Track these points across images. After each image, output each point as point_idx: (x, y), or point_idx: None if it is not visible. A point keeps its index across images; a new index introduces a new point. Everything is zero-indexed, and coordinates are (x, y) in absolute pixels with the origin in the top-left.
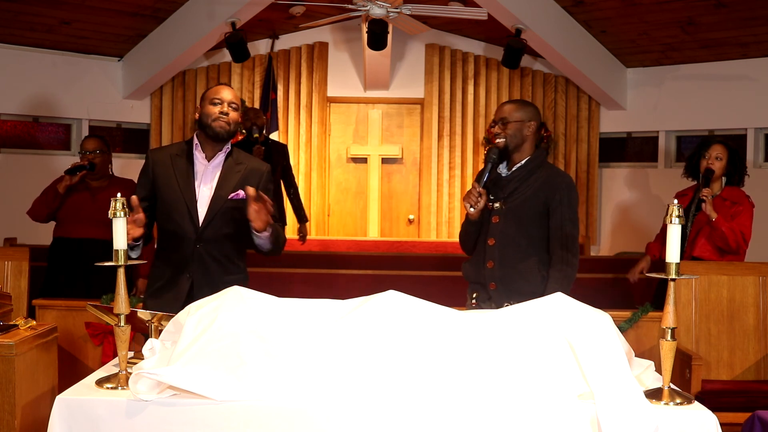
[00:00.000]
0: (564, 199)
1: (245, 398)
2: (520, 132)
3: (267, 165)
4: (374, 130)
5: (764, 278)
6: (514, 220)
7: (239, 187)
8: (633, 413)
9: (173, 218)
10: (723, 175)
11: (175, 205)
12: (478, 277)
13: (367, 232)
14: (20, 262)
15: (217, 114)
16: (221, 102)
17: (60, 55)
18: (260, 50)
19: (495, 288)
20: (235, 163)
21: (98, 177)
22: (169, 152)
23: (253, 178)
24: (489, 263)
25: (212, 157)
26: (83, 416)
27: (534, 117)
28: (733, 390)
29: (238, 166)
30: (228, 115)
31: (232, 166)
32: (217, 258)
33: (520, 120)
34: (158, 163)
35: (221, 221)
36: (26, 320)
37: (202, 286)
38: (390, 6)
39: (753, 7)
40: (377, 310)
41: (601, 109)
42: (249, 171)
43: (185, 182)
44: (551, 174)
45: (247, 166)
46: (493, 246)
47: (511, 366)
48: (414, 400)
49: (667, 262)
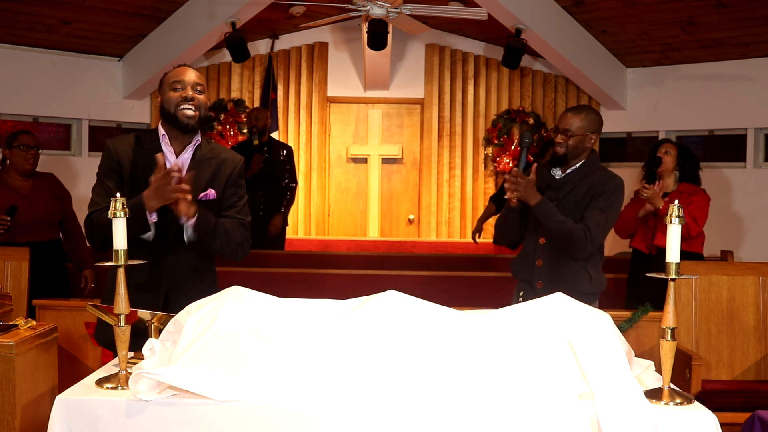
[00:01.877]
0: (606, 193)
1: (245, 398)
2: (581, 144)
3: (241, 157)
4: (374, 130)
5: (764, 278)
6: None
7: (209, 185)
8: (633, 413)
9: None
10: (675, 170)
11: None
12: (526, 275)
13: (367, 232)
14: (20, 262)
15: (180, 100)
16: (183, 86)
17: (60, 55)
18: (260, 50)
19: (542, 286)
20: (206, 157)
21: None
22: (130, 144)
23: (225, 170)
24: (538, 261)
25: (181, 151)
26: (83, 416)
27: (596, 129)
28: (733, 390)
29: (210, 159)
30: (194, 100)
31: (202, 160)
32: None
33: (583, 134)
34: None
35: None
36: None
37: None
38: (390, 6)
39: (753, 7)
40: (377, 310)
41: (601, 109)
42: (221, 163)
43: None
44: (604, 177)
45: (218, 158)
46: (544, 245)
47: (511, 366)
48: (414, 400)
49: (667, 262)
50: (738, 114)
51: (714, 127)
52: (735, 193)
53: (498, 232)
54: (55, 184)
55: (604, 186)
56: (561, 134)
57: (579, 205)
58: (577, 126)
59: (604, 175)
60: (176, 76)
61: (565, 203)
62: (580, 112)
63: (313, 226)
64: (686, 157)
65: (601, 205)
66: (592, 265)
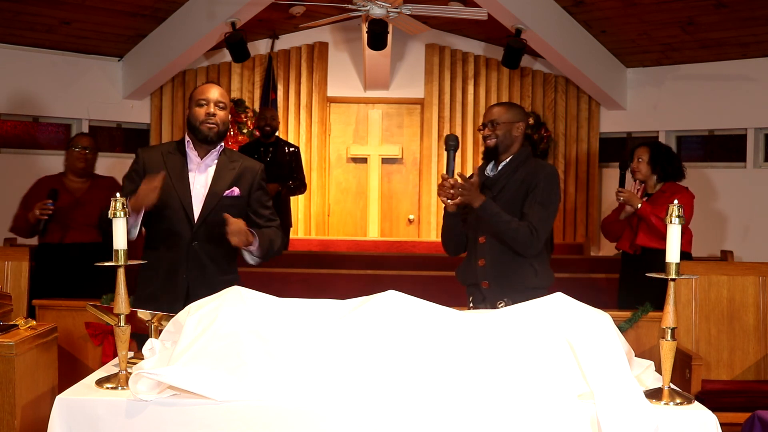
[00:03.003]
0: (540, 183)
1: (245, 398)
2: (509, 133)
3: (261, 164)
4: (374, 130)
5: (764, 278)
6: None
7: (234, 184)
8: (633, 413)
9: (166, 216)
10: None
11: (169, 203)
12: (470, 277)
13: (367, 232)
14: (20, 262)
15: (204, 116)
16: (207, 102)
17: (60, 55)
18: (260, 50)
19: (488, 286)
20: (229, 161)
21: (81, 176)
22: (160, 150)
23: (247, 176)
24: (480, 261)
25: (205, 155)
26: (83, 416)
27: (522, 118)
28: (733, 390)
29: (233, 163)
30: (215, 116)
31: (226, 163)
32: (213, 257)
33: (509, 121)
34: (150, 161)
35: (216, 219)
36: (26, 320)
37: (198, 286)
38: (390, 6)
39: (753, 7)
40: (377, 310)
41: (601, 109)
42: (243, 169)
43: (179, 179)
44: (536, 167)
45: (241, 164)
46: (484, 243)
47: (511, 366)
48: (414, 400)
49: (667, 262)
50: (738, 114)
51: (714, 127)
52: (735, 193)
53: (444, 241)
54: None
55: (537, 177)
56: (488, 127)
57: (514, 199)
58: (501, 116)
59: (536, 165)
60: (202, 93)
61: (500, 199)
62: (504, 104)
63: (313, 226)
64: (659, 157)
65: (540, 198)
66: (536, 260)
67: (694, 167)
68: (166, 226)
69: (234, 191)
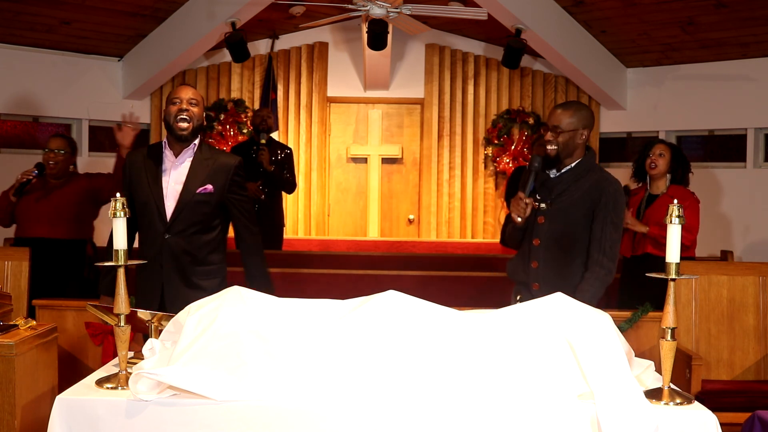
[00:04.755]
0: (610, 203)
1: (245, 398)
2: (572, 140)
3: (237, 158)
4: (374, 130)
5: (764, 278)
6: (559, 221)
7: (208, 181)
8: (633, 413)
9: (145, 214)
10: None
11: (146, 201)
12: (522, 276)
13: (367, 232)
14: (20, 262)
15: (176, 113)
16: (180, 100)
17: (60, 55)
18: (260, 50)
19: (538, 288)
20: (204, 158)
21: (57, 177)
22: (142, 153)
23: (221, 172)
24: (533, 263)
25: (179, 153)
26: (83, 416)
27: (587, 124)
28: (733, 390)
29: (207, 160)
30: (187, 111)
31: (200, 160)
32: (186, 249)
33: (573, 129)
34: (132, 164)
35: (189, 214)
36: (26, 320)
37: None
38: (390, 6)
39: (753, 7)
40: (377, 310)
41: (601, 109)
42: (218, 165)
43: (154, 179)
44: (600, 178)
45: (216, 160)
46: (538, 246)
47: (512, 366)
48: (414, 400)
49: (667, 262)
50: (738, 114)
51: (714, 127)
52: (735, 193)
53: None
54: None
55: (605, 192)
56: (550, 131)
57: (575, 207)
58: (566, 122)
59: (601, 177)
60: (175, 92)
61: (559, 202)
62: (569, 108)
63: (313, 226)
64: (679, 160)
65: (613, 218)
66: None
67: (694, 167)
68: (146, 223)
69: (207, 188)
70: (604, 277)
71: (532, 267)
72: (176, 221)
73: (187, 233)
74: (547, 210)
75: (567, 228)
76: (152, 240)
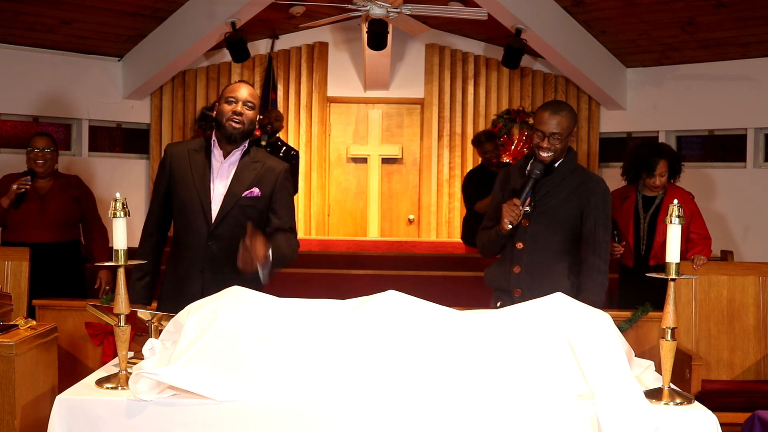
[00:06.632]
0: (599, 204)
1: (245, 398)
2: (566, 144)
3: (285, 164)
4: (374, 130)
5: (764, 278)
6: (544, 223)
7: (254, 185)
8: (633, 413)
9: (186, 214)
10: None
11: (189, 201)
12: (502, 283)
13: (367, 232)
14: (20, 262)
15: (230, 114)
16: (236, 101)
17: (60, 55)
18: (260, 50)
19: (520, 294)
20: (252, 161)
21: (44, 176)
22: (187, 147)
23: (269, 177)
24: (516, 268)
25: (228, 154)
26: (83, 416)
27: (576, 124)
28: (733, 390)
29: (255, 164)
30: (242, 115)
31: (248, 163)
32: (230, 257)
33: (569, 133)
34: (176, 157)
35: (234, 219)
36: (26, 320)
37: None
38: (390, 6)
39: (753, 7)
40: (377, 310)
41: (601, 109)
42: (266, 169)
43: (200, 178)
44: (585, 178)
45: (264, 164)
46: (522, 250)
47: (511, 366)
48: (414, 400)
49: (667, 262)
50: (738, 114)
51: (714, 127)
52: (735, 193)
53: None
54: (76, 185)
55: (593, 193)
56: (548, 139)
57: (562, 208)
58: (563, 127)
59: (586, 176)
60: (232, 91)
61: (544, 204)
62: (561, 111)
63: (313, 226)
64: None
65: (602, 220)
66: (572, 271)
67: (694, 167)
68: (185, 224)
69: (253, 191)
70: (603, 281)
71: (515, 272)
72: (220, 226)
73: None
74: (530, 212)
75: (552, 230)
76: (190, 244)
